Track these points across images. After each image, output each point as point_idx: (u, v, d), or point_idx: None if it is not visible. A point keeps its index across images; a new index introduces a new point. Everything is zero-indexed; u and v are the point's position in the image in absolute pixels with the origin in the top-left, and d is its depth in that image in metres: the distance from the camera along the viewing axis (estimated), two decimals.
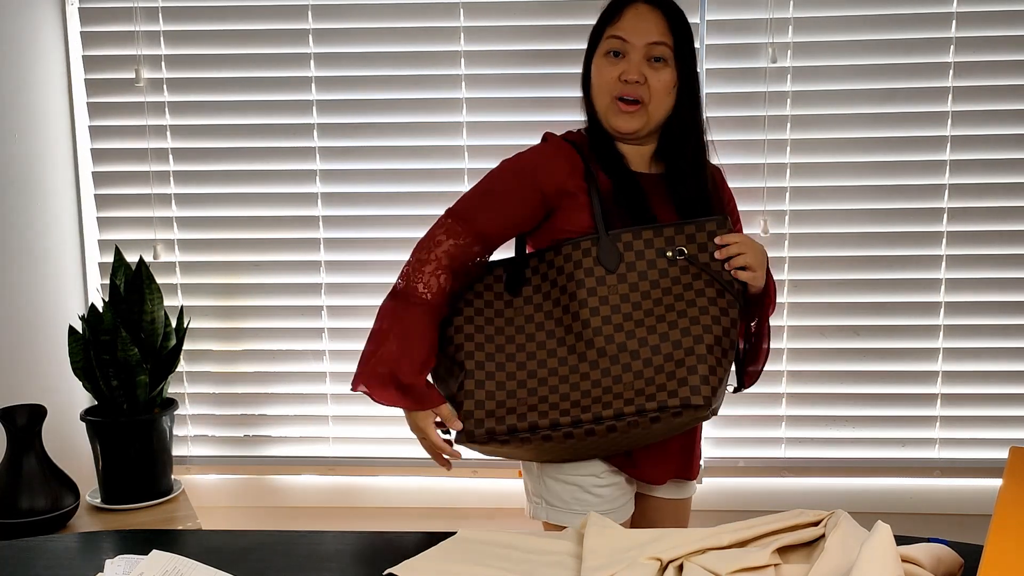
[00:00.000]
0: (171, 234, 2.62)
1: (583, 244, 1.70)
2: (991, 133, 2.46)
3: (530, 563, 1.32)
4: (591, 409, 1.64)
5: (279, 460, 2.66)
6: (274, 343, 2.63)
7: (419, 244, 1.77)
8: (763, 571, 1.22)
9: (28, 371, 2.51)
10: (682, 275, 1.68)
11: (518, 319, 1.73)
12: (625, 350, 1.65)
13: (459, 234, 1.74)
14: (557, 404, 1.66)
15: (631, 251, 1.69)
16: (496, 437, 1.68)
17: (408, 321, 1.72)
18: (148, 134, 2.59)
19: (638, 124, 1.75)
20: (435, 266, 1.72)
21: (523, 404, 1.68)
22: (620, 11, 1.76)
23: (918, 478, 2.56)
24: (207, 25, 2.56)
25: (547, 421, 1.65)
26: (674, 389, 1.62)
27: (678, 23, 1.75)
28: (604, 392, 1.65)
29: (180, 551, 1.39)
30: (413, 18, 2.53)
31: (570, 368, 1.68)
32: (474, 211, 1.77)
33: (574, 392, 1.66)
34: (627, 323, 1.66)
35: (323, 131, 2.57)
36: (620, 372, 1.65)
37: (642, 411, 1.63)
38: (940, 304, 2.51)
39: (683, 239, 1.69)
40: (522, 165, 1.79)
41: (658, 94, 1.74)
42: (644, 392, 1.63)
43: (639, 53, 1.73)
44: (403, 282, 1.75)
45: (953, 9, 2.44)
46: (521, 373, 1.70)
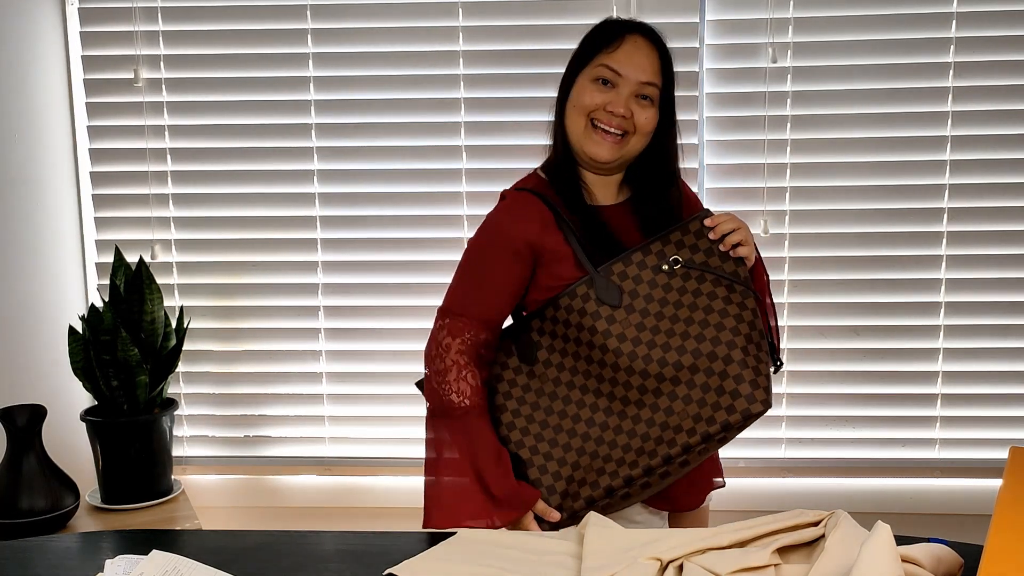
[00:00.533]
0: (168, 234, 2.62)
1: (579, 290, 1.64)
2: (991, 133, 2.46)
3: (530, 563, 1.32)
4: (657, 452, 1.59)
5: (278, 460, 2.66)
6: (271, 343, 2.63)
7: (428, 356, 1.71)
8: (763, 571, 1.22)
9: (28, 371, 2.51)
10: (686, 283, 1.63)
11: (547, 386, 1.67)
12: (664, 379, 1.59)
13: (461, 330, 1.67)
14: (623, 459, 1.61)
15: (627, 279, 1.63)
16: (577, 514, 1.62)
17: (463, 436, 1.65)
18: (146, 134, 2.59)
19: (614, 155, 1.69)
20: (456, 371, 1.66)
21: (591, 471, 1.62)
22: (617, 40, 1.70)
23: (918, 478, 2.56)
24: (206, 25, 2.56)
25: (620, 480, 1.61)
26: (730, 404, 1.57)
27: (669, 66, 1.71)
28: (663, 430, 1.59)
29: (180, 551, 1.39)
30: (412, 18, 2.53)
31: (618, 416, 1.61)
32: (466, 302, 1.70)
33: (633, 440, 1.61)
34: (653, 351, 1.59)
35: (321, 131, 2.57)
36: (669, 403, 1.59)
37: (707, 437, 1.58)
38: (940, 304, 2.51)
39: (672, 248, 1.64)
40: (491, 236, 1.72)
41: (641, 131, 1.69)
42: (702, 417, 1.58)
43: (630, 88, 1.67)
44: (433, 401, 1.70)
45: (953, 9, 2.44)
46: (575, 441, 1.63)
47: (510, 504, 1.63)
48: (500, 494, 1.63)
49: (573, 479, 1.64)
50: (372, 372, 2.62)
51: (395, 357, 2.60)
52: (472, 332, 1.68)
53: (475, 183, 2.55)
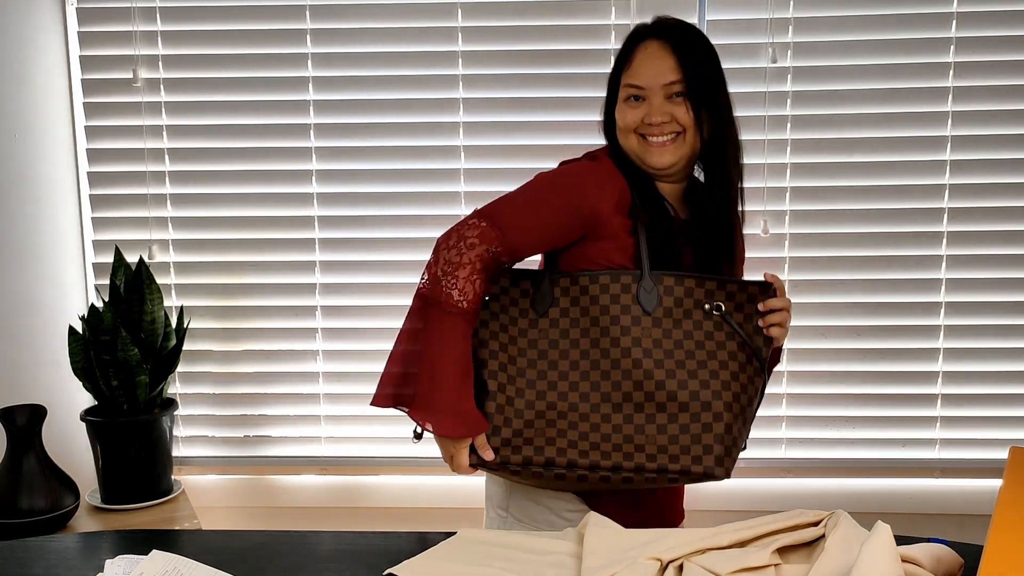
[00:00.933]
0: (166, 234, 2.62)
1: (623, 279, 1.62)
2: (991, 133, 2.46)
3: (530, 563, 1.32)
4: (611, 457, 1.59)
5: (278, 460, 2.66)
6: (270, 343, 2.63)
7: (446, 243, 1.63)
8: (763, 571, 1.22)
9: (28, 371, 2.51)
10: (715, 332, 1.62)
11: (542, 342, 1.64)
12: (652, 399, 1.58)
13: (493, 240, 1.61)
14: (576, 443, 1.60)
15: (671, 296, 1.62)
16: (509, 466, 1.62)
17: (447, 334, 1.60)
18: (145, 134, 2.59)
19: (673, 157, 1.67)
20: (469, 270, 1.59)
21: (540, 436, 1.61)
22: (630, 55, 1.70)
23: (918, 478, 2.56)
24: (205, 25, 2.56)
25: (564, 460, 1.60)
26: (698, 455, 1.58)
27: (688, 57, 1.67)
28: (625, 441, 1.59)
29: (180, 551, 1.39)
30: (411, 18, 2.53)
31: (591, 406, 1.60)
32: (511, 221, 1.64)
33: (594, 433, 1.60)
34: (658, 370, 1.59)
35: (320, 131, 2.57)
36: (643, 422, 1.58)
37: (663, 470, 1.58)
38: (940, 304, 2.51)
39: (723, 295, 1.63)
40: (567, 183, 1.69)
41: (687, 125, 1.67)
42: (667, 451, 1.58)
43: (658, 95, 1.66)
44: (430, 286, 1.63)
45: (953, 9, 2.44)
46: (540, 403, 1.61)
47: (455, 421, 1.59)
48: (454, 407, 1.59)
49: (521, 433, 1.61)
50: (370, 372, 2.61)
51: None
52: (499, 248, 1.62)
53: (473, 183, 2.55)
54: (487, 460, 1.62)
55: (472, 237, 1.61)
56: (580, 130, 2.51)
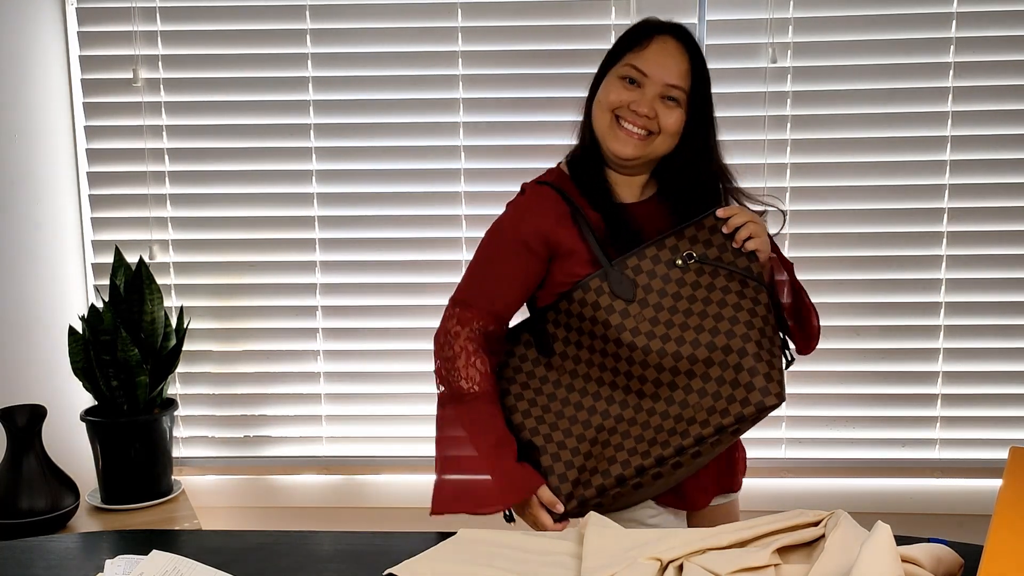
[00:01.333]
0: (166, 234, 2.62)
1: (592, 283, 1.64)
2: (991, 133, 2.46)
3: (530, 563, 1.32)
4: (670, 443, 1.59)
5: (278, 460, 2.66)
6: (270, 344, 2.63)
7: (437, 343, 1.72)
8: (763, 571, 1.22)
9: (28, 371, 2.51)
10: (699, 277, 1.63)
11: (563, 378, 1.67)
12: (679, 372, 1.60)
13: (470, 320, 1.69)
14: (635, 449, 1.61)
15: (641, 273, 1.64)
16: (588, 502, 1.63)
17: (473, 418, 1.66)
18: (145, 134, 2.59)
19: (636, 152, 1.68)
20: (465, 357, 1.66)
21: (602, 460, 1.62)
22: (646, 40, 1.69)
23: (918, 478, 2.56)
24: (205, 25, 2.56)
25: (632, 469, 1.61)
26: (744, 397, 1.57)
27: (699, 67, 1.70)
28: (676, 421, 1.60)
29: (180, 551, 1.39)
30: (411, 18, 2.53)
31: (633, 408, 1.62)
32: (477, 292, 1.71)
33: (647, 431, 1.61)
34: (667, 344, 1.60)
35: (320, 131, 2.57)
36: (684, 396, 1.60)
37: (721, 428, 1.58)
38: (940, 304, 2.51)
39: (686, 243, 1.64)
40: (505, 229, 1.72)
41: (666, 132, 1.68)
42: (716, 409, 1.58)
43: (655, 89, 1.67)
44: (444, 387, 1.70)
45: (953, 9, 2.44)
46: (589, 431, 1.63)
47: (512, 487, 1.62)
48: (501, 477, 1.62)
49: (585, 468, 1.63)
50: (370, 372, 2.62)
51: (393, 356, 2.60)
52: (480, 323, 1.69)
53: (473, 183, 2.55)
54: (559, 512, 1.63)
55: (454, 328, 1.70)
56: None
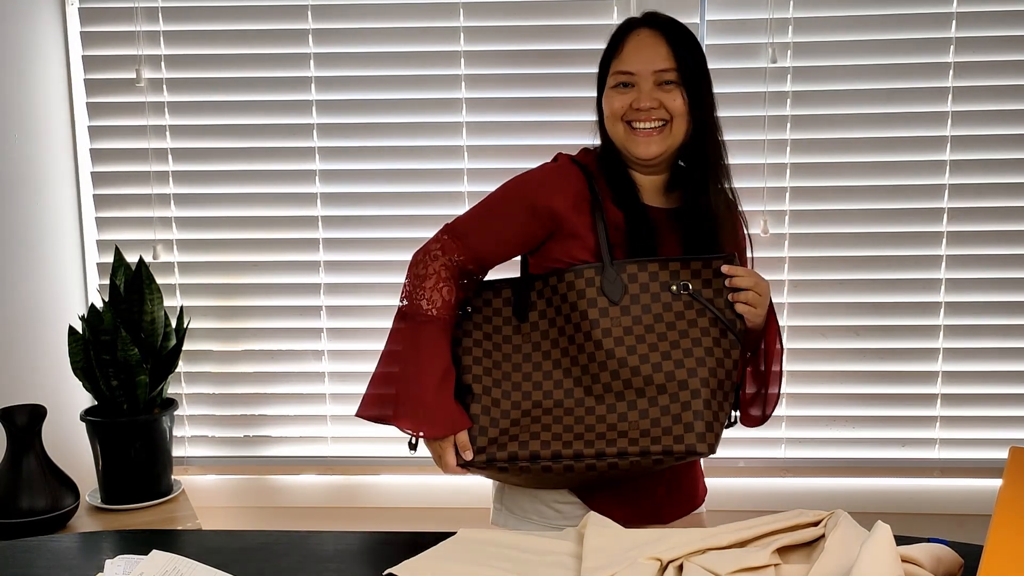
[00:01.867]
0: (170, 234, 2.62)
1: (587, 272, 1.65)
2: (991, 133, 2.46)
3: (530, 563, 1.32)
4: (595, 445, 1.61)
5: (279, 460, 2.66)
6: (273, 343, 2.63)
7: (414, 259, 1.75)
8: (763, 571, 1.22)
9: (28, 371, 2.51)
10: (686, 311, 1.64)
11: (525, 346, 1.70)
12: (631, 386, 1.62)
13: (453, 250, 1.72)
14: (560, 435, 1.63)
15: (635, 283, 1.65)
16: (496, 463, 1.66)
17: (421, 341, 1.68)
18: (148, 134, 2.59)
19: (659, 148, 1.69)
20: (435, 280, 1.70)
21: (526, 432, 1.65)
22: (621, 43, 1.71)
23: (918, 478, 2.56)
24: (207, 25, 2.56)
25: (549, 452, 1.63)
26: (680, 435, 1.59)
27: (681, 46, 1.69)
28: (609, 429, 1.62)
29: (180, 551, 1.39)
30: (413, 18, 2.53)
31: (575, 400, 1.65)
32: (470, 229, 1.74)
33: (578, 425, 1.63)
34: (631, 357, 1.62)
35: (322, 131, 2.57)
36: (626, 409, 1.62)
37: (646, 453, 1.60)
38: (940, 304, 2.51)
39: (688, 274, 1.65)
40: (522, 186, 1.74)
41: (677, 113, 1.68)
42: (649, 433, 1.60)
43: (648, 81, 1.68)
44: (406, 301, 1.72)
45: (953, 9, 2.44)
46: (527, 402, 1.67)
47: (441, 422, 1.66)
48: (434, 407, 1.66)
49: (507, 432, 1.66)
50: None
51: None
52: (461, 257, 1.72)
53: (477, 183, 2.55)
54: (467, 459, 1.67)
55: (435, 250, 1.74)
56: (582, 130, 2.48)
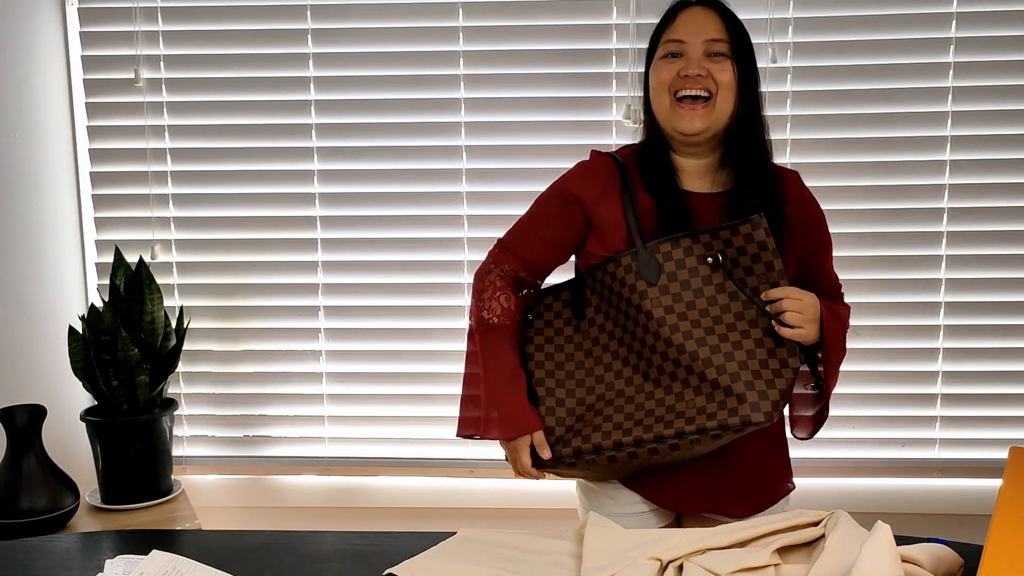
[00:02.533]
0: (169, 234, 2.62)
1: (623, 260, 1.67)
2: (991, 133, 2.46)
3: (530, 563, 1.32)
4: (653, 428, 1.63)
5: (279, 460, 2.66)
6: (271, 343, 2.63)
7: (474, 279, 1.82)
8: (763, 571, 1.22)
9: (28, 371, 2.51)
10: (725, 283, 1.65)
11: (586, 343, 1.74)
12: (680, 365, 1.63)
13: (504, 261, 1.79)
14: (620, 424, 1.66)
15: (671, 260, 1.66)
16: (563, 460, 1.69)
17: (487, 349, 1.76)
18: (147, 134, 2.59)
19: (703, 123, 1.68)
20: (491, 291, 1.77)
21: (588, 426, 1.68)
22: (673, 16, 1.74)
23: (918, 478, 2.56)
24: (206, 25, 2.56)
25: (610, 441, 1.65)
26: (734, 407, 1.59)
27: (733, 22, 1.72)
28: (667, 411, 1.63)
29: (180, 551, 1.39)
30: (412, 18, 2.53)
31: (635, 388, 1.67)
32: (516, 239, 1.81)
33: (638, 412, 1.66)
34: (676, 335, 1.63)
35: (321, 131, 2.57)
36: (681, 389, 1.63)
37: (703, 430, 1.60)
38: (940, 304, 2.51)
39: (720, 244, 1.65)
40: (555, 186, 1.80)
41: (724, 86, 1.68)
42: (705, 410, 1.61)
43: (698, 50, 1.68)
44: (472, 320, 1.80)
45: (953, 9, 2.44)
46: (590, 397, 1.70)
47: (512, 423, 1.71)
48: (506, 411, 1.72)
49: (572, 428, 1.70)
50: (372, 372, 2.62)
51: (396, 357, 2.60)
52: (512, 267, 1.78)
53: (475, 183, 2.55)
54: (545, 458, 1.71)
55: (489, 264, 1.81)
56: (582, 130, 2.51)
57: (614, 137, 2.49)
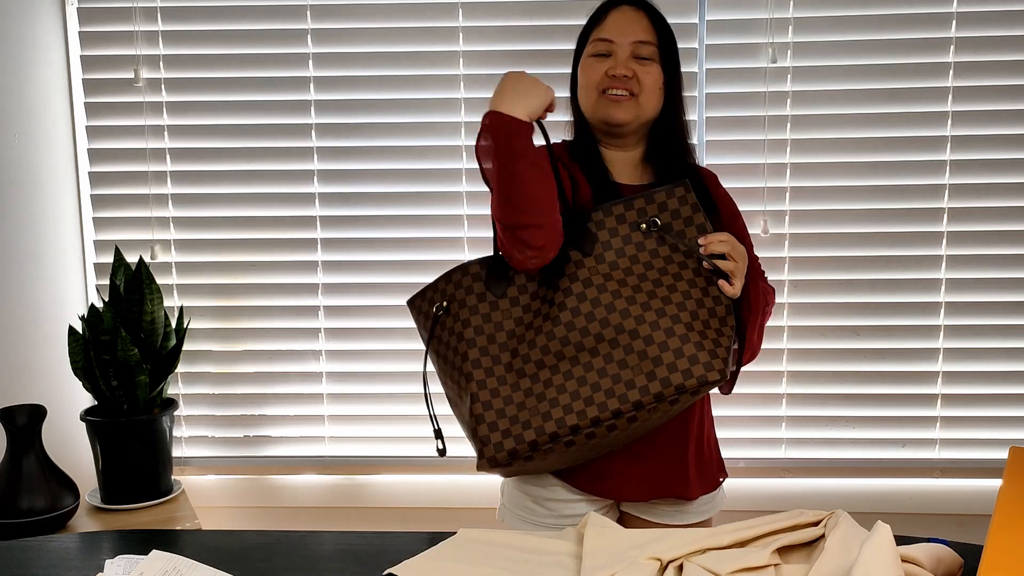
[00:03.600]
0: (168, 234, 2.62)
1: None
2: (991, 133, 2.46)
3: (530, 563, 1.32)
4: (607, 405, 1.56)
5: (278, 460, 2.66)
6: (271, 343, 2.63)
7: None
8: (763, 571, 1.22)
9: (28, 371, 2.51)
10: (659, 247, 1.63)
11: (507, 323, 1.63)
12: (623, 331, 1.58)
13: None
14: (570, 405, 1.57)
15: (604, 229, 1.63)
16: (519, 456, 1.58)
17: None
18: (146, 134, 2.59)
19: (629, 115, 1.72)
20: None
21: (535, 414, 1.58)
22: (604, 15, 1.77)
23: (918, 478, 2.56)
24: (206, 25, 2.56)
25: (566, 428, 1.57)
26: (686, 368, 1.55)
27: (661, 24, 1.76)
28: (615, 382, 1.57)
29: (180, 551, 1.39)
30: (412, 18, 2.53)
31: (571, 362, 1.59)
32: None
33: (584, 388, 1.58)
34: (618, 301, 1.59)
35: (321, 131, 2.57)
36: (624, 356, 1.57)
37: (660, 397, 1.56)
38: (940, 304, 2.51)
39: (655, 208, 1.64)
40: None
41: (648, 89, 1.72)
42: (656, 376, 1.56)
43: (625, 51, 1.72)
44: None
45: (953, 9, 2.44)
46: (524, 381, 1.60)
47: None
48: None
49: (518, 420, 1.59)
50: (372, 372, 2.62)
51: (395, 356, 2.60)
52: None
53: (475, 183, 2.55)
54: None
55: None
56: None
57: None
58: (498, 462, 1.59)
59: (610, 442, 1.63)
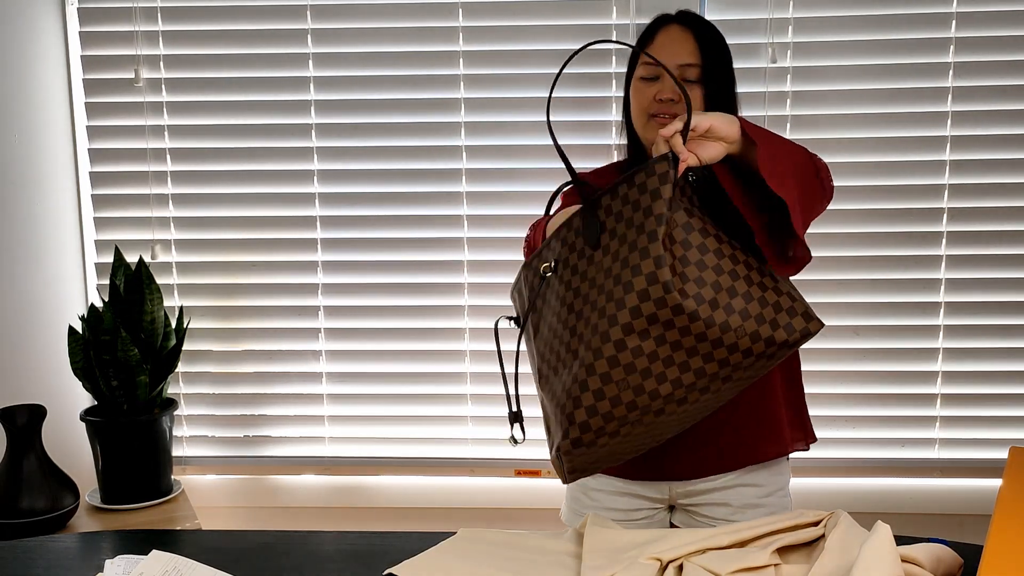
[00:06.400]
0: (168, 234, 2.62)
1: (574, 222, 1.46)
2: (991, 133, 2.46)
3: (530, 563, 1.32)
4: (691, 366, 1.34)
5: (278, 460, 2.66)
6: (271, 343, 2.63)
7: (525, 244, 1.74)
8: (763, 571, 1.22)
9: (28, 371, 2.51)
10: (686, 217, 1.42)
11: (599, 277, 1.41)
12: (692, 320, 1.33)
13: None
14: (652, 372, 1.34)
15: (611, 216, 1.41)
16: (604, 433, 1.37)
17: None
18: (147, 134, 2.59)
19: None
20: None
21: (622, 386, 1.35)
22: (653, 35, 1.76)
23: (918, 478, 2.56)
24: (206, 25, 2.56)
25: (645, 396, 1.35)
26: (788, 323, 1.36)
27: (709, 45, 1.72)
28: (699, 340, 1.33)
29: (180, 551, 1.39)
30: (412, 18, 2.53)
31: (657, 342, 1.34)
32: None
33: (663, 349, 1.34)
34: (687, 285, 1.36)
35: (321, 131, 2.57)
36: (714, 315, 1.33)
37: (771, 342, 1.35)
38: (940, 304, 2.51)
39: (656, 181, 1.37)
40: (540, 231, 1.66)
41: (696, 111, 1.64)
42: (764, 321, 1.35)
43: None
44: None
45: (953, 9, 2.44)
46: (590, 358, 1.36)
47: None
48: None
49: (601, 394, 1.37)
50: (372, 372, 2.62)
51: (395, 357, 2.60)
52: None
53: (475, 183, 2.55)
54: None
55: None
56: (582, 130, 2.51)
57: (614, 137, 2.49)
58: (583, 441, 1.38)
59: (700, 407, 1.42)
